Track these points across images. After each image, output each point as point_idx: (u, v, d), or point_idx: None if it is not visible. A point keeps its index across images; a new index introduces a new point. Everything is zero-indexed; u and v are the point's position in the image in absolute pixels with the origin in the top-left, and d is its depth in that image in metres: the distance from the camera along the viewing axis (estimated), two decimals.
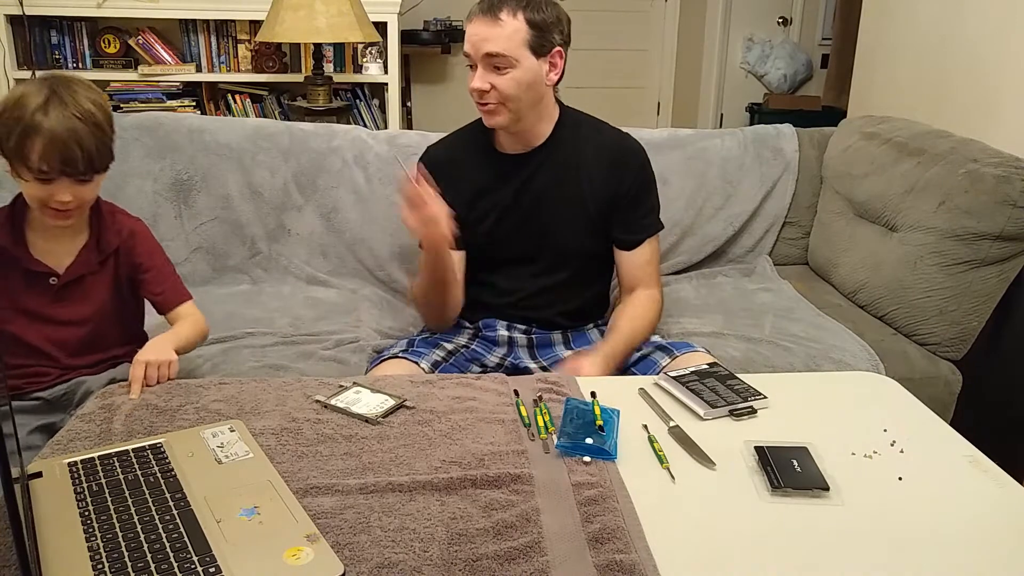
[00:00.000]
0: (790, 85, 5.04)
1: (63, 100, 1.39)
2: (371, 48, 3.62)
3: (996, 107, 2.16)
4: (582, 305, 1.81)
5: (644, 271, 1.76)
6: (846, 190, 2.23)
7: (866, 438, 1.19)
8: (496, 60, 1.58)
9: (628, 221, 1.74)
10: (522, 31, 1.57)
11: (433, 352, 1.67)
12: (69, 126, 1.37)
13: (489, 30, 1.57)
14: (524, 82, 1.60)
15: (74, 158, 1.38)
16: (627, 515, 0.99)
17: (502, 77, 1.59)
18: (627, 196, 1.73)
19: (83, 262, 1.52)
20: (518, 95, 1.61)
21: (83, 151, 1.39)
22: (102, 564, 0.87)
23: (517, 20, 1.57)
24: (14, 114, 1.38)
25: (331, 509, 0.99)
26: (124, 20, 3.51)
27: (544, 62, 1.62)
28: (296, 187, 2.23)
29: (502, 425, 1.20)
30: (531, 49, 1.59)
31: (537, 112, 1.68)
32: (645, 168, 1.77)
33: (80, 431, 1.18)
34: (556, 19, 1.62)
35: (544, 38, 1.60)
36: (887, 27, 2.72)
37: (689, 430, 1.20)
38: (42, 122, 1.36)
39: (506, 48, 1.57)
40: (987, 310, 1.86)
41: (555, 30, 1.61)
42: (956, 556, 0.95)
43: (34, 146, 1.36)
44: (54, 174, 1.39)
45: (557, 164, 1.72)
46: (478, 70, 1.61)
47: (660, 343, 1.70)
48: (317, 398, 1.27)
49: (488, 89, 1.60)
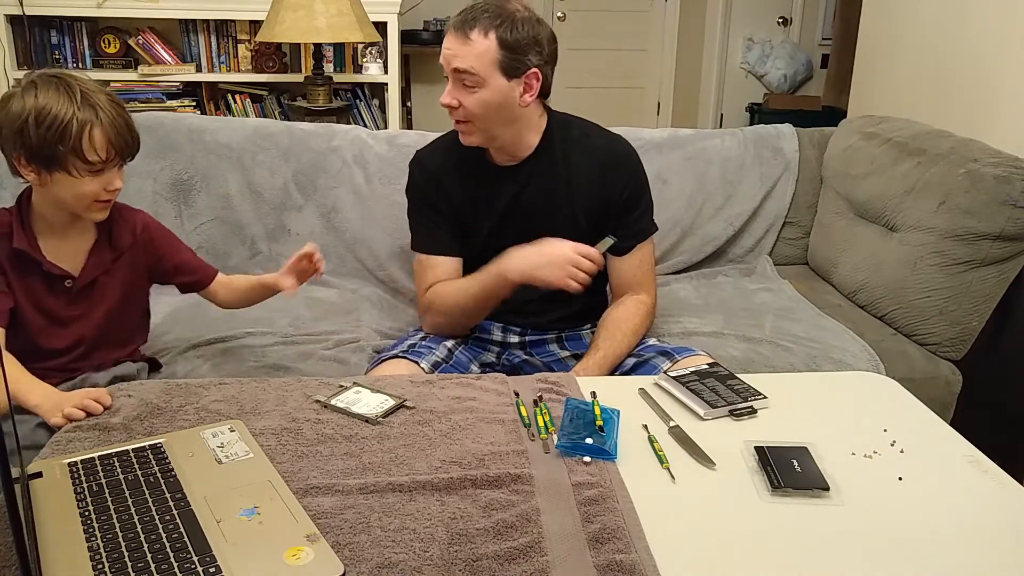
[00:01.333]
0: (790, 85, 5.04)
1: (91, 90, 1.40)
2: (371, 48, 3.62)
3: (996, 107, 2.16)
4: (578, 310, 1.79)
5: (634, 276, 1.73)
6: (846, 190, 2.23)
7: (866, 438, 1.19)
8: (464, 77, 1.54)
9: (621, 226, 1.70)
10: (492, 51, 1.52)
11: (433, 353, 1.67)
12: (117, 111, 1.42)
13: (459, 46, 1.53)
14: (492, 103, 1.55)
15: (130, 140, 1.44)
16: (627, 515, 0.99)
17: (470, 95, 1.55)
18: (619, 202, 1.69)
19: (97, 263, 1.51)
20: (485, 115, 1.57)
21: (131, 133, 1.44)
22: (102, 564, 0.87)
23: (488, 39, 1.52)
24: (52, 119, 1.36)
25: (331, 509, 0.99)
26: (124, 20, 3.51)
27: (517, 83, 1.56)
28: (296, 187, 2.23)
29: (502, 425, 1.20)
30: (502, 70, 1.53)
31: (514, 130, 1.63)
32: (637, 172, 1.73)
33: (80, 431, 1.18)
34: (533, 40, 1.54)
35: (517, 60, 1.53)
36: (887, 27, 2.72)
37: (689, 430, 1.20)
38: (94, 114, 1.38)
39: (473, 67, 1.52)
40: (987, 310, 1.86)
41: (531, 51, 1.54)
42: (956, 556, 0.95)
43: (95, 138, 1.38)
44: (112, 162, 1.42)
45: (546, 175, 1.68)
46: (448, 84, 1.57)
47: (661, 347, 1.68)
48: (317, 398, 1.27)
49: (456, 105, 1.57)
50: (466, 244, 1.73)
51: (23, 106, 1.37)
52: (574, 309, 1.78)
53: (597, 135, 1.73)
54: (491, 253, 1.71)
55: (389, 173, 2.21)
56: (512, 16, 1.53)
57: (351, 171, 2.23)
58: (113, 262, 1.53)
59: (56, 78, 1.40)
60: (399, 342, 1.76)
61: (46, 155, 1.37)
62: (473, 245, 1.73)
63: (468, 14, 1.54)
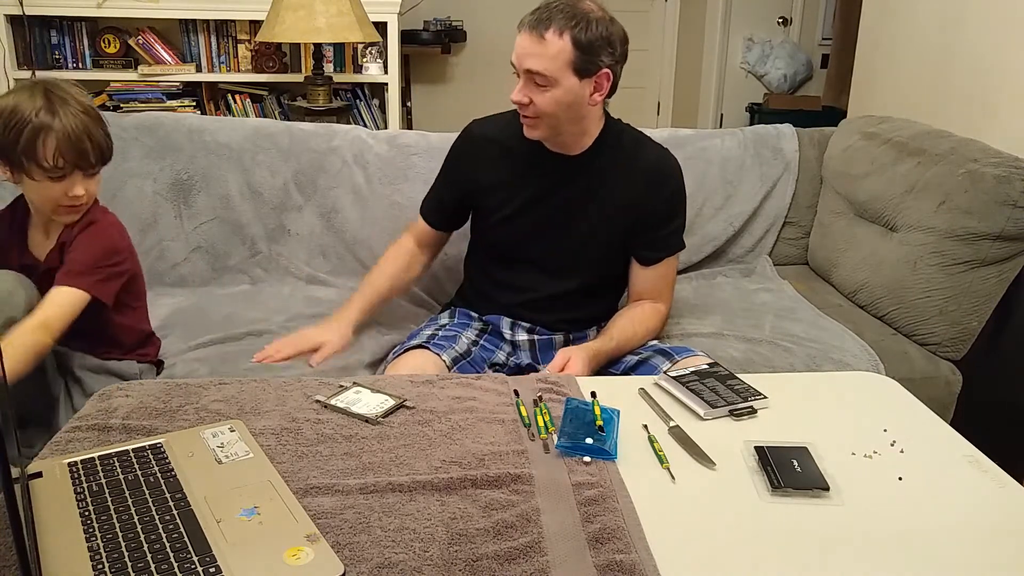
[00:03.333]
0: (790, 85, 5.04)
1: (63, 98, 1.45)
2: (371, 48, 3.62)
3: (996, 107, 2.16)
4: (588, 315, 1.81)
5: (656, 286, 1.75)
6: (846, 190, 2.23)
7: (866, 438, 1.19)
8: (537, 77, 1.54)
9: (652, 239, 1.72)
10: (566, 52, 1.51)
11: (453, 347, 1.69)
12: (78, 122, 1.45)
13: (533, 46, 1.52)
14: (564, 102, 1.56)
15: (86, 151, 1.46)
16: (627, 515, 0.99)
17: (542, 94, 1.55)
18: (657, 215, 1.71)
19: (55, 254, 1.57)
20: (556, 113, 1.57)
21: (93, 144, 1.47)
22: (102, 564, 0.87)
23: (563, 40, 1.51)
24: (15, 120, 1.42)
25: (331, 509, 0.99)
26: (124, 20, 3.51)
27: (588, 83, 1.56)
28: (296, 187, 2.22)
29: (502, 425, 1.20)
30: (575, 70, 1.53)
31: (579, 127, 1.64)
32: (680, 189, 1.74)
33: (79, 431, 1.18)
34: (606, 40, 1.54)
35: (590, 60, 1.53)
36: (887, 27, 2.72)
37: (689, 430, 1.20)
38: (51, 121, 1.42)
39: (547, 68, 1.52)
40: (987, 310, 1.86)
41: (603, 51, 1.54)
42: (956, 556, 0.95)
43: (48, 145, 1.42)
44: (68, 170, 1.46)
45: (593, 175, 1.69)
46: (520, 82, 1.57)
47: (660, 347, 1.69)
48: (317, 398, 1.27)
49: (527, 103, 1.57)
50: (491, 219, 1.75)
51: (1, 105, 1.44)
52: (582, 314, 1.79)
53: (649, 147, 1.74)
54: (515, 235, 1.73)
55: (389, 173, 2.22)
56: (587, 16, 1.53)
57: (351, 171, 2.23)
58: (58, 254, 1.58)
59: (40, 83, 1.47)
60: (419, 331, 1.78)
61: (9, 155, 1.45)
62: (496, 221, 1.74)
63: (542, 13, 1.53)
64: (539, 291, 1.75)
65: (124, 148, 2.17)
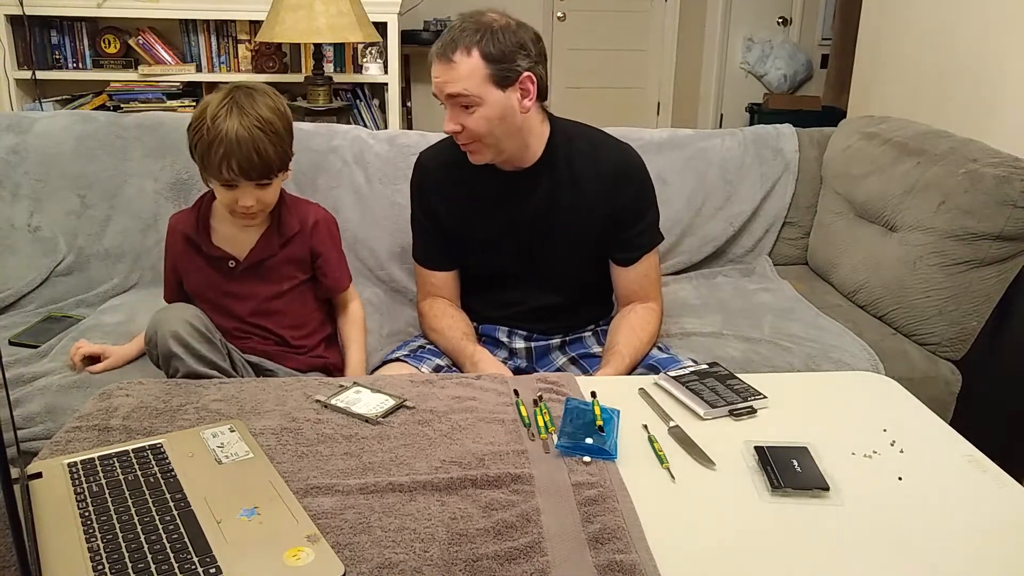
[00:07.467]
0: (790, 85, 5.04)
1: (242, 108, 1.47)
2: (371, 48, 3.62)
3: (996, 107, 2.16)
4: (583, 319, 1.80)
5: (640, 286, 1.73)
6: (846, 190, 2.23)
7: (866, 438, 1.19)
8: (460, 100, 1.52)
9: (627, 239, 1.69)
10: (479, 67, 1.49)
11: (435, 359, 1.67)
12: (247, 135, 1.46)
13: (447, 72, 1.51)
14: (494, 118, 1.53)
15: (252, 165, 1.48)
16: (627, 515, 0.99)
17: (471, 116, 1.53)
18: (626, 212, 1.68)
19: (263, 247, 1.63)
20: (490, 131, 1.55)
21: (260, 158, 1.48)
22: (102, 564, 0.87)
23: (472, 57, 1.49)
24: (195, 124, 1.48)
25: (331, 509, 0.99)
26: (124, 20, 3.51)
27: (513, 91, 1.53)
28: (296, 187, 2.22)
29: (502, 425, 1.20)
30: (494, 83, 1.51)
31: (519, 139, 1.60)
32: (645, 183, 1.70)
33: (79, 431, 1.18)
34: (517, 45, 1.51)
35: (507, 68, 1.51)
36: (887, 27, 2.72)
37: (689, 430, 1.20)
38: (222, 131, 1.45)
39: (467, 88, 1.50)
40: (987, 310, 1.86)
41: (518, 57, 1.52)
42: (956, 556, 0.95)
43: (216, 154, 1.46)
44: (237, 180, 1.49)
45: (552, 184, 1.65)
46: (448, 111, 1.55)
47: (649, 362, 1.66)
48: (317, 398, 1.27)
49: (460, 130, 1.55)
50: (464, 250, 1.73)
51: (199, 105, 1.51)
52: (576, 319, 1.79)
53: (605, 146, 1.70)
54: (493, 258, 1.71)
55: (389, 173, 2.21)
56: (489, 27, 1.51)
57: (351, 171, 2.23)
58: (280, 247, 1.64)
59: (232, 89, 1.51)
60: (404, 344, 1.77)
61: (193, 157, 1.53)
62: (471, 251, 1.72)
63: (446, 37, 1.52)
64: (528, 304, 1.74)
65: (124, 148, 2.18)
